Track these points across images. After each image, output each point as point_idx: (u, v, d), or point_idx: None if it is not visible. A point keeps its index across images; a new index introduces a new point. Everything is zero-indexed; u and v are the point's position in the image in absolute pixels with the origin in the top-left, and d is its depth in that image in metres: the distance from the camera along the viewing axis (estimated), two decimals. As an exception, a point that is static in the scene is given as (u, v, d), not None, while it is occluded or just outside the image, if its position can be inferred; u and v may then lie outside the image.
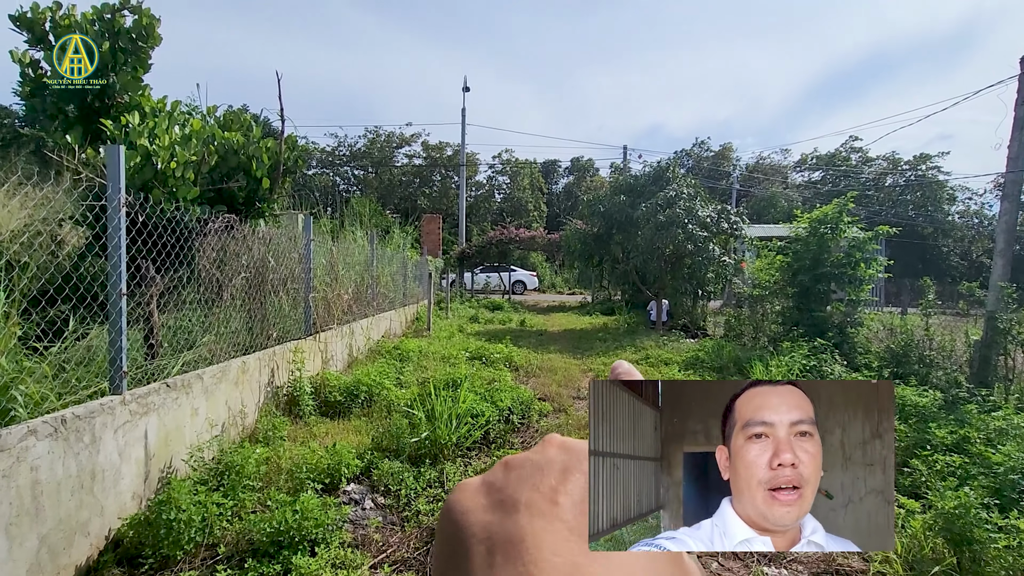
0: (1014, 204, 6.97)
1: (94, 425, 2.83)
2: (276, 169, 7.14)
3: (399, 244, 13.19)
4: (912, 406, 5.10)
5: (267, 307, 5.33)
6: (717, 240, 12.66)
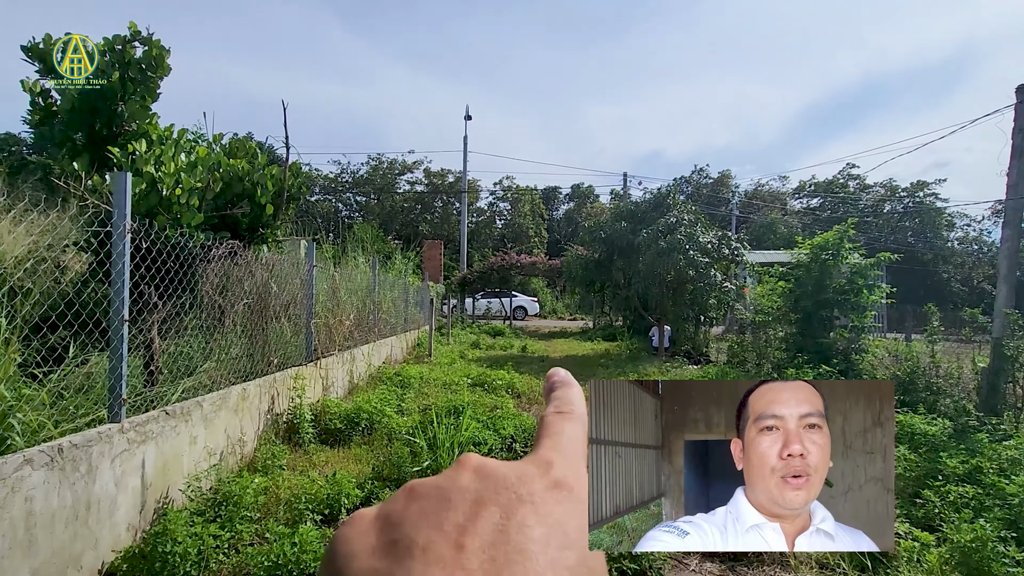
0: (1015, 231, 6.98)
1: (91, 454, 2.78)
2: (280, 196, 7.19)
3: (401, 270, 13.22)
4: (922, 435, 5.02)
5: (268, 333, 5.30)
6: (718, 266, 12.67)
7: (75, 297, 3.91)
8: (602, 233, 14.56)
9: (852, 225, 9.34)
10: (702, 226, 13.01)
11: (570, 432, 0.35)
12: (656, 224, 12.88)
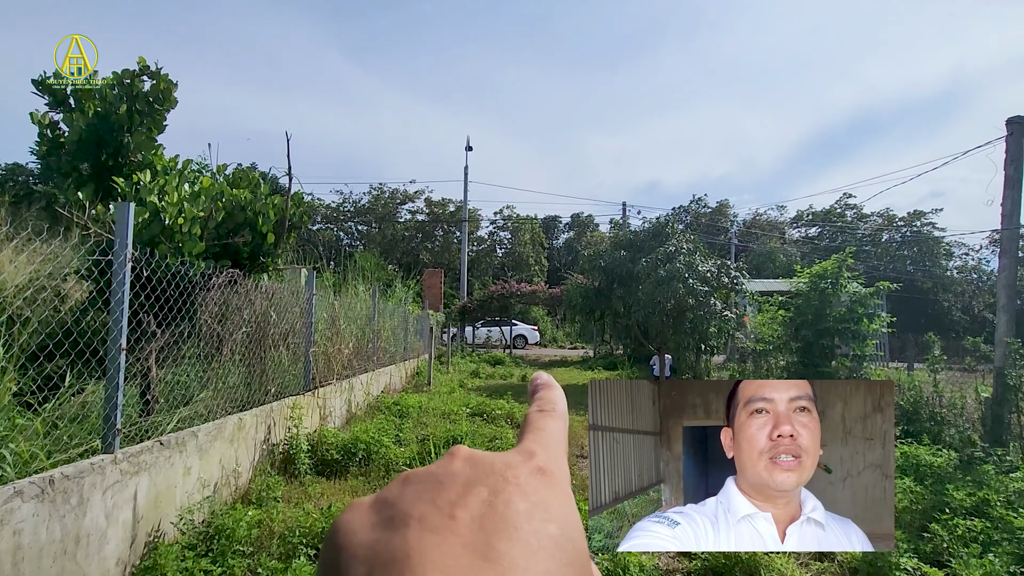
0: (1012, 260, 7.01)
1: (82, 486, 2.73)
2: (281, 225, 7.26)
3: (401, 298, 13.23)
4: (927, 466, 4.95)
5: (267, 362, 5.27)
6: (718, 294, 12.68)
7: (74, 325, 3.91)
8: (601, 262, 14.61)
9: (851, 254, 9.38)
10: (701, 255, 13.07)
11: (551, 428, 0.37)
12: (655, 253, 12.93)
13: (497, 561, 0.24)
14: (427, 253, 44.31)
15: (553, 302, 23.80)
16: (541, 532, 0.27)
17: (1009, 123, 7.08)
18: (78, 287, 5.02)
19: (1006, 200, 6.99)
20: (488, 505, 0.27)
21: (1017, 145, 6.95)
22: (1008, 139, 7.04)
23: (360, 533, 0.27)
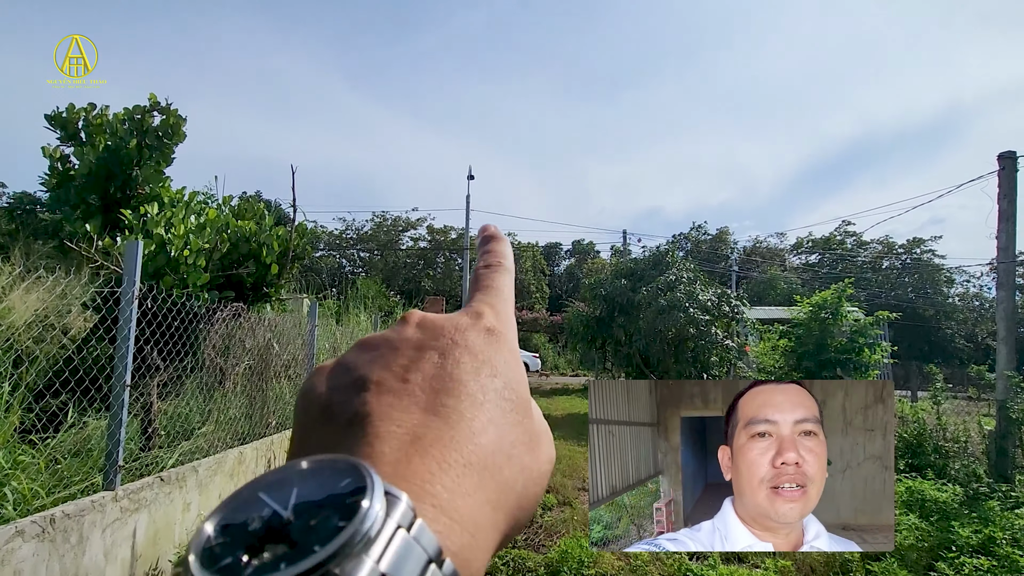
0: (1009, 292, 7.06)
1: (83, 524, 2.73)
2: (285, 255, 7.34)
3: (402, 326, 13.24)
4: (932, 501, 4.89)
5: (268, 393, 5.28)
6: (719, 323, 12.69)
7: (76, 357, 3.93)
8: (602, 290, 14.67)
9: (850, 284, 9.43)
10: (701, 283, 13.14)
11: (499, 284, 0.40)
12: (655, 282, 13.01)
13: (446, 416, 0.27)
14: (429, 280, 44.46)
15: (555, 329, 23.79)
16: (487, 387, 0.30)
17: (1000, 158, 7.21)
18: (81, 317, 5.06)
19: (1001, 233, 7.06)
20: (439, 367, 0.30)
21: (1009, 180, 7.07)
22: (1000, 174, 7.16)
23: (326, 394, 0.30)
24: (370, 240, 45.97)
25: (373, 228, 45.96)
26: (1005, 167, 7.11)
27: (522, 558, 3.97)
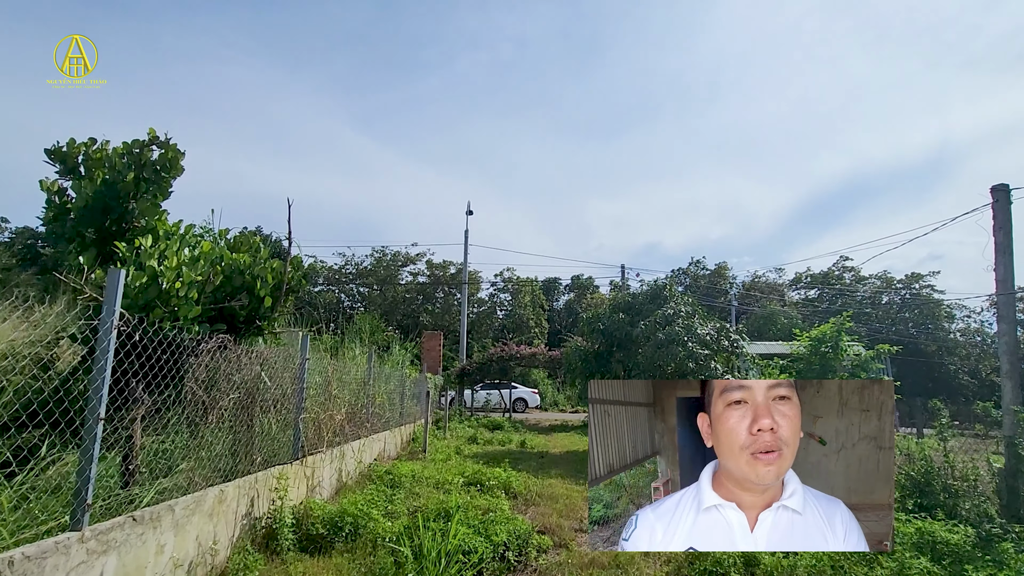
0: (1011, 325, 6.97)
1: (44, 568, 2.58)
2: (279, 288, 7.29)
3: (398, 361, 13.09)
4: (943, 543, 4.69)
5: (254, 428, 5.13)
6: (719, 358, 12.54)
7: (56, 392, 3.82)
8: (600, 325, 14.56)
9: (848, 317, 9.35)
10: (700, 317, 13.04)
11: None
12: (654, 316, 12.92)
13: None
14: (427, 315, 44.33)
15: (553, 364, 23.54)
16: None
17: (994, 191, 7.24)
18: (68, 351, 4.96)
19: (999, 266, 7.03)
20: None
21: (1004, 212, 7.08)
22: (994, 206, 7.18)
23: None
24: (369, 275, 46.06)
25: (372, 263, 46.13)
26: (999, 199, 7.13)
27: (513, 605, 3.76)
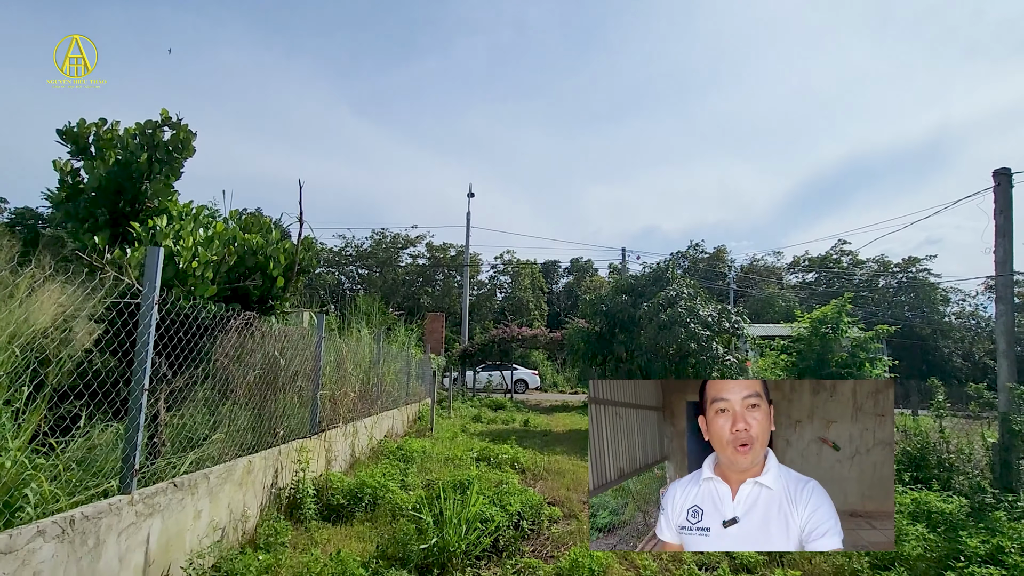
0: (1009, 306, 7.14)
1: (100, 527, 2.74)
2: (291, 269, 7.40)
3: (403, 342, 13.26)
4: (939, 513, 4.91)
5: (276, 404, 5.29)
6: (720, 339, 12.74)
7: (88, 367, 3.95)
8: (603, 306, 14.72)
9: (850, 299, 9.52)
10: (701, 300, 13.21)
11: None
12: (656, 298, 13.08)
13: None
14: (428, 297, 44.48)
15: (553, 346, 23.78)
16: None
17: (996, 174, 7.37)
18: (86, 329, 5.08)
19: (998, 248, 7.18)
20: None
21: (1005, 195, 7.21)
22: (996, 190, 7.31)
23: None
24: (369, 257, 46.08)
25: (372, 245, 46.11)
26: (1000, 183, 7.26)
27: (532, 567, 3.96)
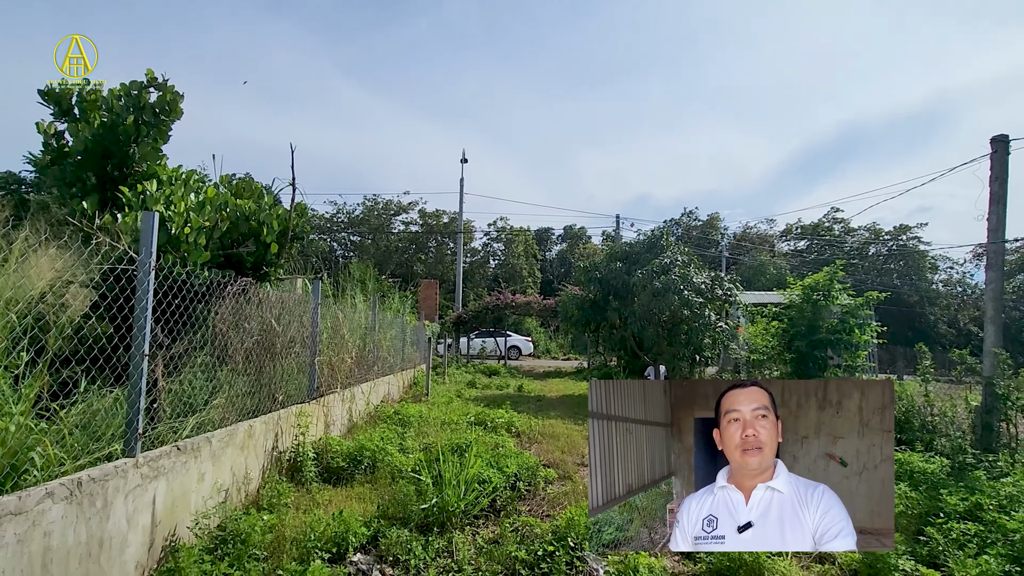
0: (998, 273, 7.23)
1: (107, 489, 2.78)
2: (285, 235, 7.32)
3: (398, 309, 13.28)
4: (921, 472, 5.08)
5: (275, 370, 5.32)
6: (712, 306, 12.86)
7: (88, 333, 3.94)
8: (597, 273, 14.76)
9: (842, 266, 9.59)
10: (695, 267, 13.27)
11: None
12: (650, 265, 13.12)
13: None
14: (421, 265, 44.33)
15: (547, 313, 23.92)
16: None
17: (993, 141, 7.35)
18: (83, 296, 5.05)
19: (991, 216, 7.23)
20: None
21: (1001, 163, 7.22)
22: (992, 157, 7.30)
23: None
24: (361, 224, 45.65)
25: (364, 212, 45.62)
26: (998, 150, 7.25)
27: (529, 525, 4.09)
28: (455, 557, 3.68)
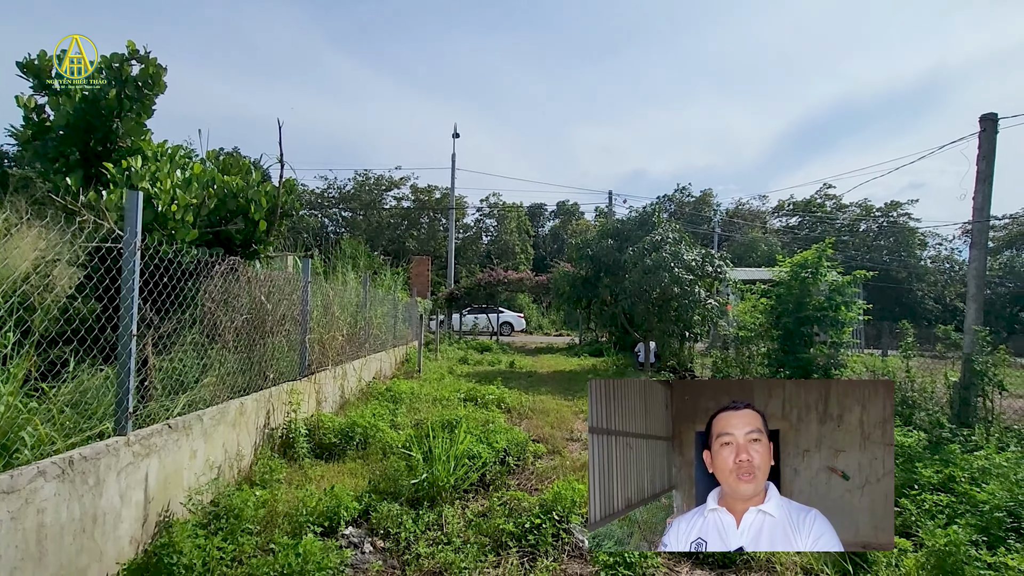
0: (982, 251, 7.33)
1: (99, 467, 2.83)
2: (273, 212, 7.26)
3: (390, 286, 13.28)
4: (898, 446, 5.22)
5: (266, 348, 5.35)
6: (702, 283, 12.94)
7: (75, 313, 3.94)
8: (589, 250, 14.78)
9: (832, 244, 9.66)
10: (686, 244, 13.31)
11: None
12: (642, 242, 13.14)
13: None
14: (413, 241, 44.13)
15: (539, 290, 24.00)
16: None
17: (982, 120, 7.36)
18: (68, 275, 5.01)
19: (977, 194, 7.29)
20: None
21: (989, 141, 7.24)
22: (981, 135, 7.32)
23: None
24: (352, 199, 45.21)
25: (355, 187, 45.14)
26: (986, 128, 7.27)
27: (517, 499, 4.19)
28: (445, 530, 3.77)
